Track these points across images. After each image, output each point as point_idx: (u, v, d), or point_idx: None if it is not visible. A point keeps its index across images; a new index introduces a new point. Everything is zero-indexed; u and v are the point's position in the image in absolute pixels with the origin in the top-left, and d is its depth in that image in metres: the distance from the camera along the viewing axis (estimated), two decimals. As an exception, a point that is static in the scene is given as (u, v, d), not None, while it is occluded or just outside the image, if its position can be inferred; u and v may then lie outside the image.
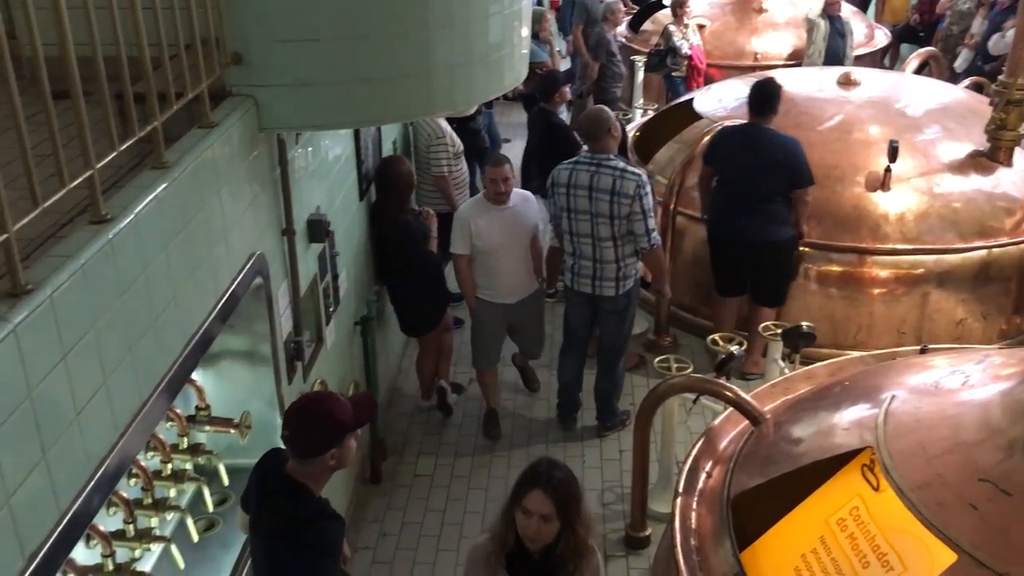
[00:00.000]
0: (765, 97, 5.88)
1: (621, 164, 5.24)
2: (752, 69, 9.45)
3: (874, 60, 11.13)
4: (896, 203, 6.13)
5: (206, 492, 3.38)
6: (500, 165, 5.30)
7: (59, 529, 2.14)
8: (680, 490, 3.68)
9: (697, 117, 7.07)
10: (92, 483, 2.28)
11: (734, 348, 4.92)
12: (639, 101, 9.88)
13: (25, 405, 2.01)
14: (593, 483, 5.41)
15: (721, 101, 7.22)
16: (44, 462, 2.08)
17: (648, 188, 5.20)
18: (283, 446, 2.95)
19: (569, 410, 5.89)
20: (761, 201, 5.84)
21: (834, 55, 9.97)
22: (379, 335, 5.57)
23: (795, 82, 6.91)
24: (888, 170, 6.05)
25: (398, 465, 5.62)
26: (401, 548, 4.97)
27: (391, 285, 5.87)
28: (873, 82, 7.11)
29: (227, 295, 3.17)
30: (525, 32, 4.27)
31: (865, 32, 11.35)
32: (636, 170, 5.28)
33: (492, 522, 3.21)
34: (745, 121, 6.04)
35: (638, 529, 4.87)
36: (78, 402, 2.24)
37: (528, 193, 5.70)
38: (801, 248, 6.07)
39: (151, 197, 2.58)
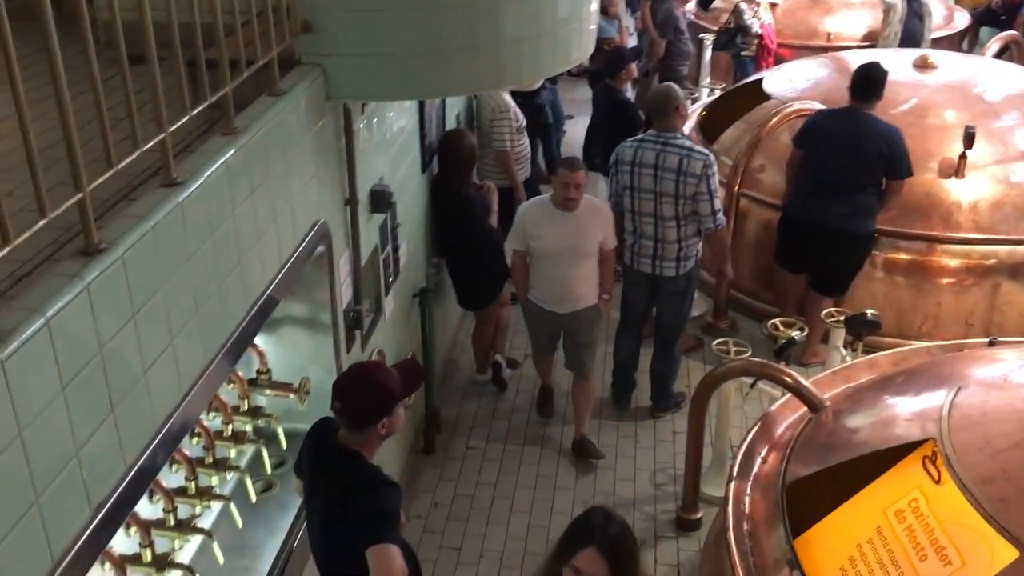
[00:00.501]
0: (870, 82, 5.68)
1: (688, 143, 5.18)
2: (824, 50, 9.22)
3: (952, 43, 10.77)
4: (970, 191, 5.95)
5: (265, 454, 3.44)
6: (575, 169, 4.88)
7: (125, 482, 2.20)
8: (735, 474, 3.66)
9: (765, 98, 6.93)
10: (157, 440, 2.34)
11: (795, 333, 4.85)
12: (706, 80, 9.72)
13: (96, 361, 2.07)
14: (645, 463, 5.40)
15: (792, 82, 7.07)
16: (112, 417, 2.14)
17: (715, 167, 5.13)
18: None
19: (623, 389, 5.87)
20: (852, 191, 5.67)
21: (911, 37, 9.67)
22: (437, 308, 5.60)
23: (869, 64, 6.72)
24: (963, 157, 5.87)
25: (451, 437, 5.67)
26: (452, 519, 5.02)
27: (450, 258, 5.89)
28: (951, 66, 6.89)
29: (290, 262, 3.21)
30: (594, 7, 4.22)
31: (944, 14, 11.00)
32: (703, 149, 5.22)
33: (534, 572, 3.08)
34: (843, 106, 5.83)
35: (690, 511, 4.85)
36: (146, 360, 2.29)
37: (602, 203, 5.20)
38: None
39: (220, 162, 2.63)
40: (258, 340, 3.46)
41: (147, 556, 2.74)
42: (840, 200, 5.68)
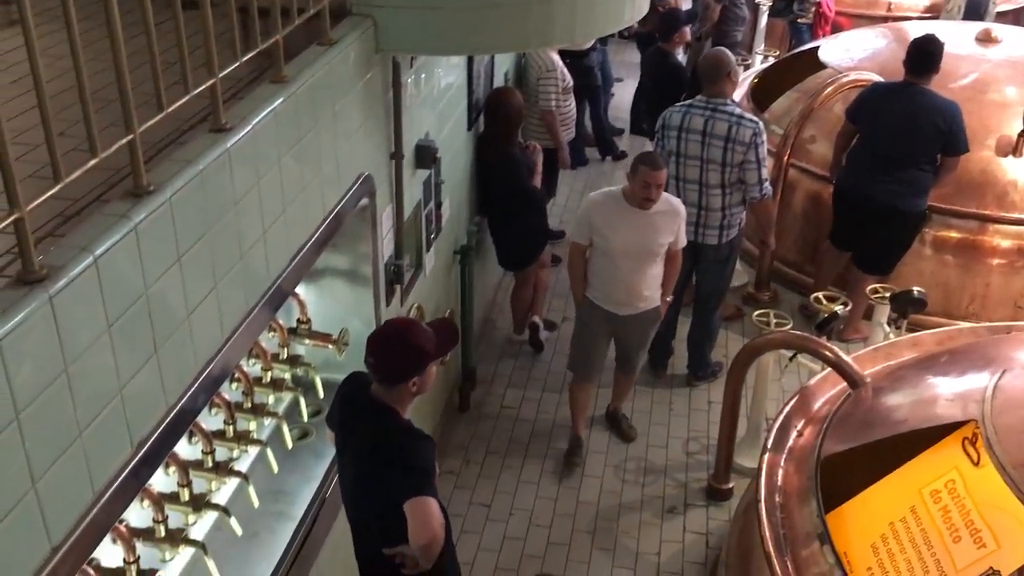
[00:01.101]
0: (925, 55, 5.52)
1: (738, 110, 5.09)
2: (884, 20, 9.01)
3: (1017, 18, 10.44)
4: (1027, 171, 5.80)
5: (302, 402, 3.49)
6: (660, 168, 4.46)
7: (166, 422, 2.23)
8: (769, 446, 3.64)
9: (820, 67, 6.78)
10: (198, 382, 2.38)
11: (838, 308, 4.78)
12: (760, 47, 9.54)
13: (141, 302, 2.09)
14: (679, 431, 5.39)
15: (849, 52, 6.90)
16: (155, 358, 2.18)
17: (764, 136, 5.04)
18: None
19: (660, 356, 5.85)
20: (906, 167, 5.54)
21: (974, 10, 9.40)
22: (477, 266, 5.60)
23: (930, 36, 6.53)
24: (1022, 135, 5.71)
25: (486, 396, 5.70)
26: (483, 476, 5.06)
27: (492, 217, 5.88)
28: (1014, 41, 6.68)
29: (334, 213, 3.22)
30: (649, -33, 4.14)
31: (1011, -13, 10.65)
32: (753, 117, 5.13)
33: None
34: (899, 80, 5.70)
35: (721, 481, 4.84)
36: (189, 304, 2.32)
37: (678, 203, 4.72)
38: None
39: (269, 110, 2.63)
40: (299, 290, 3.49)
41: (184, 495, 2.79)
42: (893, 176, 5.55)
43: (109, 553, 2.49)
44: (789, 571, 3.09)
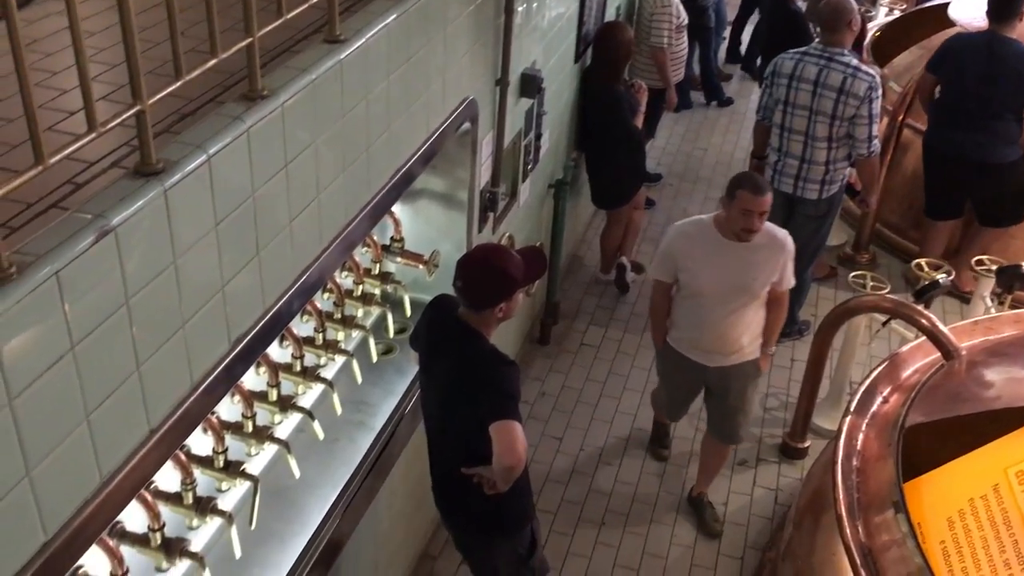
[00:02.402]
0: (1005, 1, 5.28)
1: (854, 61, 4.88)
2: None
3: None
4: None
5: (389, 318, 3.56)
6: (762, 193, 3.67)
7: (262, 323, 2.31)
8: (852, 409, 3.57)
9: (948, 24, 6.44)
10: (295, 288, 2.44)
11: (940, 276, 4.62)
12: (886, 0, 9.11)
13: (248, 204, 2.15)
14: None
15: (982, 9, 6.52)
16: (257, 260, 2.24)
17: (880, 91, 4.84)
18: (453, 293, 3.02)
19: (748, 310, 5.76)
20: (991, 118, 5.33)
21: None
22: (570, 202, 5.57)
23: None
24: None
25: (567, 331, 5.72)
26: (557, 410, 5.11)
27: (590, 154, 5.82)
28: None
29: (436, 134, 3.24)
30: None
31: None
32: (869, 70, 4.92)
33: None
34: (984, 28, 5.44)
35: (797, 440, 4.79)
36: (292, 211, 2.37)
37: (784, 235, 3.93)
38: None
39: (382, 25, 2.64)
40: (396, 208, 3.53)
41: (273, 395, 2.89)
42: (978, 129, 5.35)
43: (200, 442, 2.61)
44: (860, 535, 3.06)
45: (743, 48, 9.47)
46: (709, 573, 4.21)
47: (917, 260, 5.01)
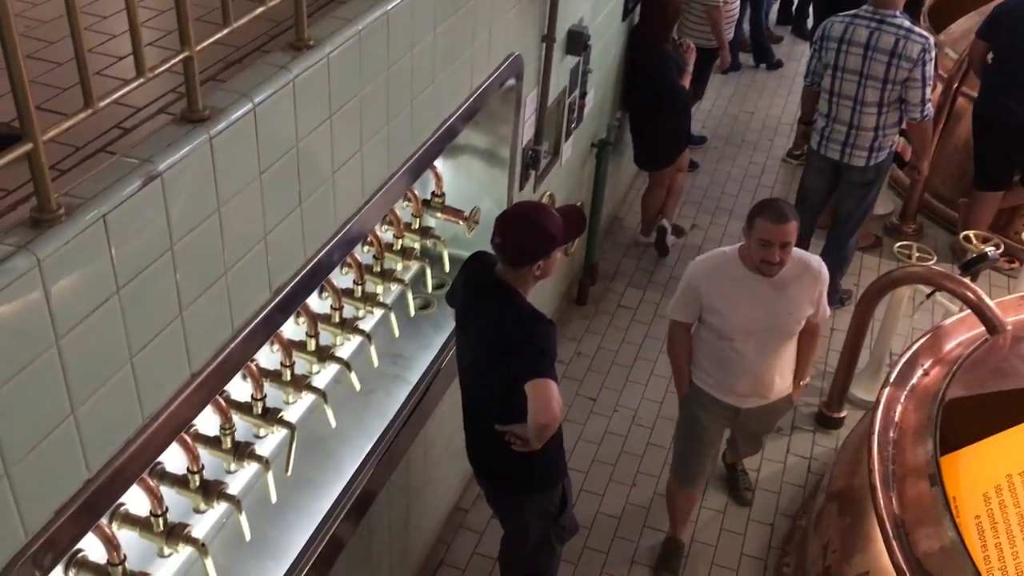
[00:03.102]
0: None
1: (907, 23, 4.75)
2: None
3: None
4: None
5: (428, 273, 3.57)
6: (783, 221, 3.25)
7: (302, 273, 2.33)
8: (891, 380, 3.54)
9: (1011, -10, 6.23)
10: (335, 239, 2.46)
11: (989, 249, 4.53)
12: (945, -38, 8.83)
13: (291, 154, 2.16)
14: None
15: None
16: (299, 210, 2.25)
17: (933, 54, 4.72)
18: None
19: (788, 277, 5.70)
20: None
21: None
22: (612, 162, 5.52)
23: None
24: None
25: (605, 292, 5.70)
26: (592, 370, 5.12)
27: (634, 113, 5.76)
28: None
29: (481, 89, 3.22)
30: None
31: None
32: (923, 32, 4.79)
33: None
34: None
35: (834, 409, 4.75)
36: (335, 162, 2.38)
37: (817, 263, 3.53)
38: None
39: (430, -23, 2.61)
40: (438, 163, 3.52)
41: (311, 345, 2.93)
42: None
43: (239, 388, 2.65)
44: (893, 507, 3.04)
45: (794, 9, 9.27)
46: (738, 538, 4.22)
47: (965, 232, 4.91)
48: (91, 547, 2.11)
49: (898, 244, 4.97)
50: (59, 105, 1.98)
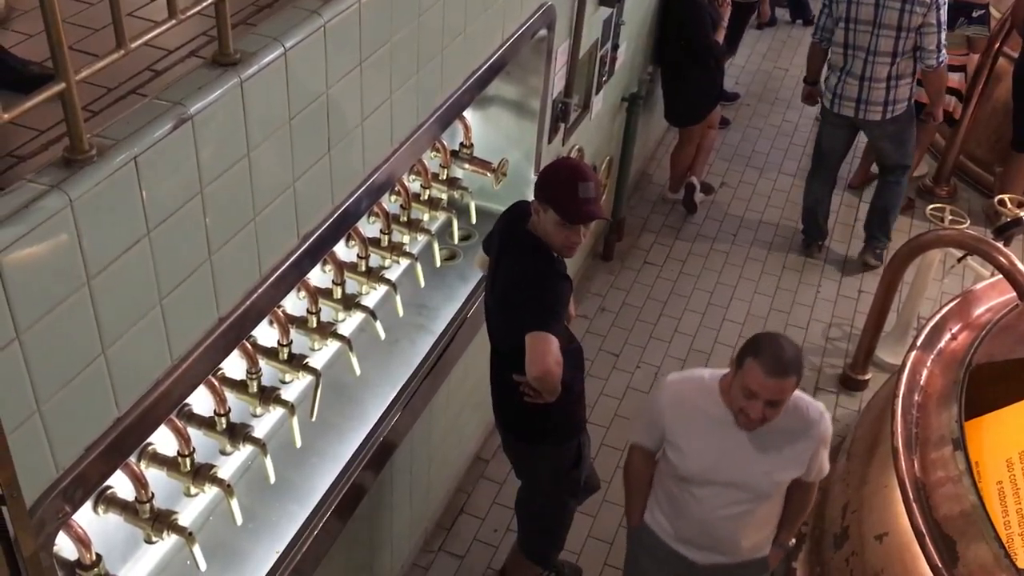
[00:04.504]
0: None
1: None
2: None
3: None
4: None
5: (455, 224, 3.56)
6: (783, 376, 2.49)
7: (330, 221, 2.33)
8: (918, 344, 3.51)
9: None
10: (363, 187, 2.46)
11: (1023, 213, 4.45)
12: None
13: (320, 100, 2.15)
14: (822, 315, 5.26)
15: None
16: (328, 157, 2.25)
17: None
18: (531, 199, 3.00)
19: (813, 237, 5.66)
20: None
21: None
22: (642, 117, 5.46)
23: None
24: None
25: (630, 248, 5.68)
26: (616, 326, 5.12)
27: (666, 68, 5.68)
28: None
29: (512, 39, 3.18)
30: None
31: None
32: None
33: None
34: None
35: (858, 371, 4.73)
36: (364, 110, 2.37)
37: (818, 414, 2.73)
38: None
39: (463, -78, 2.57)
40: (467, 114, 3.49)
41: (337, 293, 2.94)
42: None
43: (266, 333, 2.68)
44: (915, 470, 3.04)
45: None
46: (757, 496, 4.23)
47: (1000, 196, 4.83)
48: (120, 484, 2.16)
49: (931, 206, 4.90)
50: (91, 46, 1.97)
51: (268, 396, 2.57)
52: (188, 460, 2.32)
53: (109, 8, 1.51)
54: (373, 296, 3.22)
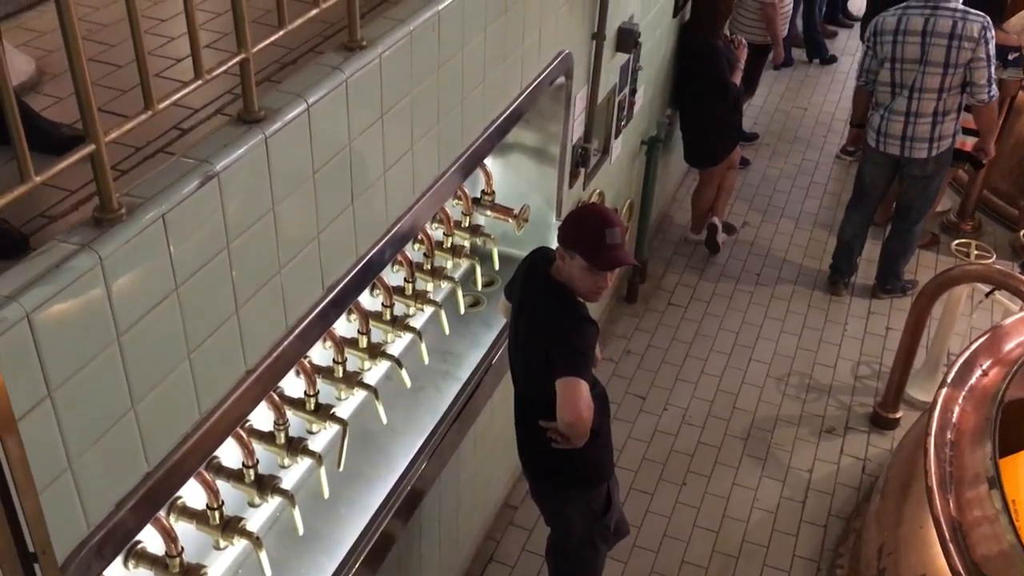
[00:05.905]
0: None
1: (961, 5, 4.68)
2: None
3: None
4: None
5: (478, 271, 3.58)
6: None
7: (355, 271, 2.35)
8: (949, 381, 3.47)
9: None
10: (387, 237, 2.48)
11: (1050, 247, 4.42)
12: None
13: (344, 153, 2.18)
14: (850, 353, 5.21)
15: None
16: (351, 209, 2.28)
17: (992, 32, 4.64)
18: (553, 246, 3.02)
19: (842, 273, 5.62)
20: None
21: None
22: (662, 159, 5.49)
23: None
24: None
25: (654, 290, 5.67)
26: (642, 369, 5.09)
27: (684, 110, 5.71)
28: None
29: (531, 87, 3.22)
30: None
31: None
32: (978, 12, 4.70)
33: None
34: None
35: (889, 409, 4.67)
36: (387, 161, 2.40)
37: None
38: None
39: (480, -24, 2.62)
40: (487, 161, 3.53)
41: (363, 343, 2.96)
42: None
43: (293, 384, 2.69)
44: (951, 510, 2.98)
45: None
46: (790, 539, 4.17)
47: (1026, 229, 4.80)
48: (149, 539, 2.16)
49: (956, 242, 4.87)
50: (120, 107, 2.02)
51: (296, 447, 2.58)
52: (217, 513, 2.32)
53: (137, 70, 1.55)
54: (398, 344, 3.23)
